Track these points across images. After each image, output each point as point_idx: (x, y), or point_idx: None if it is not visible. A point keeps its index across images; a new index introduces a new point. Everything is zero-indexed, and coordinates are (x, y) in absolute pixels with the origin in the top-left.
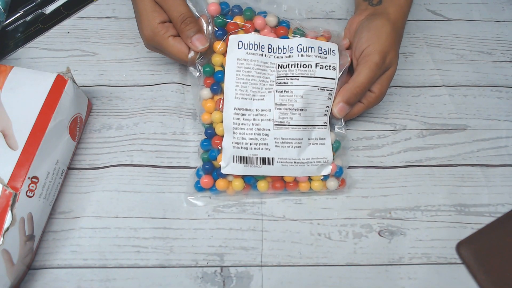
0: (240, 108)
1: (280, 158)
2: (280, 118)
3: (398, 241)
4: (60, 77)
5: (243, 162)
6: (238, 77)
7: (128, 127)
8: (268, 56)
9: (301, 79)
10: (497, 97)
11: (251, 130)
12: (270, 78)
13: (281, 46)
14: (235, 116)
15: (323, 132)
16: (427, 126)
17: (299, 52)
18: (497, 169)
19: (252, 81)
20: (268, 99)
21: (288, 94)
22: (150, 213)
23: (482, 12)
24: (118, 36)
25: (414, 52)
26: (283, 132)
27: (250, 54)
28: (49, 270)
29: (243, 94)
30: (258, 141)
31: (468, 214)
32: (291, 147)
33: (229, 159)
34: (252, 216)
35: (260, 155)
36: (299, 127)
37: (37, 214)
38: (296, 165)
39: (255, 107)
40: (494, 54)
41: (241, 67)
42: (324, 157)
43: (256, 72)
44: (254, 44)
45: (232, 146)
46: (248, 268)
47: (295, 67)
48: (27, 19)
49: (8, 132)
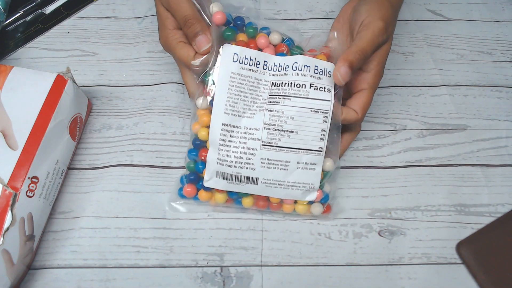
0: (229, 125)
1: (264, 179)
2: (268, 139)
3: (398, 241)
4: (60, 77)
5: (226, 178)
6: (230, 92)
7: (128, 127)
8: (263, 73)
9: (293, 99)
10: (497, 97)
11: (237, 148)
12: (262, 96)
13: (277, 64)
14: (223, 132)
15: (316, 157)
16: (427, 126)
17: (294, 71)
18: (497, 169)
19: (243, 98)
20: (258, 118)
21: (279, 115)
22: (150, 213)
23: (482, 12)
24: (118, 36)
25: (414, 52)
26: (270, 153)
27: (244, 69)
28: (49, 270)
29: (233, 110)
30: (244, 160)
31: (468, 214)
32: (276, 169)
33: (212, 173)
34: (252, 216)
35: (244, 174)
36: (287, 149)
37: (37, 214)
38: (280, 187)
39: (244, 125)
40: (494, 54)
41: (234, 81)
42: (311, 183)
43: (248, 89)
44: (250, 60)
45: (217, 162)
46: (248, 268)
47: (288, 86)
48: (27, 19)
49: (8, 132)
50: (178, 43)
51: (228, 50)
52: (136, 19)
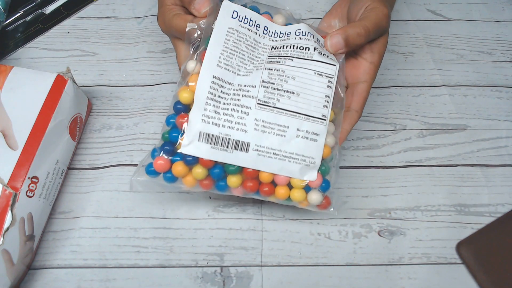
0: (220, 79)
1: (257, 145)
2: (265, 97)
3: (398, 241)
4: (60, 77)
5: (211, 142)
6: (226, 46)
7: (128, 127)
8: (263, 36)
9: (295, 60)
10: (497, 97)
11: (228, 105)
12: (260, 58)
13: (278, 31)
14: (213, 86)
15: (319, 126)
16: (427, 126)
17: (297, 36)
18: (497, 169)
19: (239, 55)
20: (255, 76)
21: (279, 73)
22: (150, 213)
23: (482, 12)
24: (118, 36)
25: (414, 52)
26: (266, 114)
27: (243, 28)
28: (49, 270)
29: (227, 64)
30: (234, 119)
31: (468, 214)
32: (272, 134)
33: (194, 136)
34: (252, 216)
35: (233, 137)
36: (287, 112)
37: (37, 214)
38: (275, 158)
39: (238, 82)
40: (494, 54)
41: (231, 37)
42: (311, 156)
43: (246, 47)
44: (250, 20)
45: (201, 120)
46: (248, 268)
47: (290, 48)
48: (27, 19)
49: (8, 132)
50: (174, 16)
51: (228, 6)
52: (136, 19)
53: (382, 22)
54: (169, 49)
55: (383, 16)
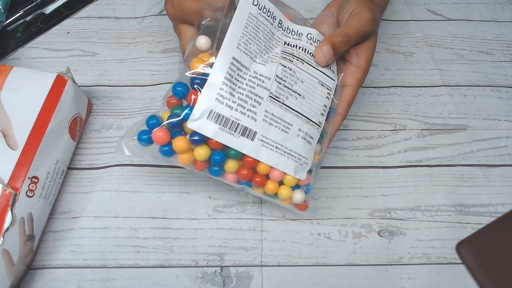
0: (239, 62)
1: (262, 136)
2: (276, 92)
3: (398, 241)
4: (60, 77)
5: (220, 123)
6: (246, 30)
7: (128, 127)
8: (277, 29)
9: (305, 65)
10: (497, 97)
11: (243, 90)
12: (274, 50)
13: (291, 28)
14: (231, 67)
15: (315, 131)
16: (427, 126)
17: (309, 40)
18: (497, 169)
19: (257, 42)
20: (270, 68)
21: (291, 73)
22: (150, 213)
23: (482, 12)
24: (118, 36)
25: (414, 52)
26: (276, 108)
27: (262, 17)
28: (49, 270)
29: (246, 48)
30: (247, 105)
31: (468, 214)
32: (278, 128)
33: (204, 112)
34: (252, 216)
35: (242, 123)
36: (293, 111)
37: (37, 214)
38: (276, 151)
39: (254, 69)
40: (494, 54)
41: (251, 23)
42: (306, 157)
43: (263, 36)
44: (268, 10)
45: (215, 99)
46: (248, 268)
47: (302, 50)
48: (27, 19)
49: (8, 132)
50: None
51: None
52: (136, 19)
53: (364, 28)
54: (169, 49)
55: (366, 21)
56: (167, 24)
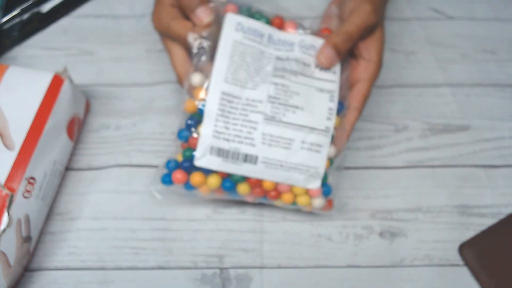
0: (229, 94)
1: (264, 157)
2: (271, 112)
3: (400, 243)
4: (57, 76)
5: (222, 155)
6: (232, 60)
7: (127, 127)
8: (267, 46)
9: (299, 76)
10: (501, 97)
11: (237, 120)
12: (265, 68)
13: (282, 39)
14: (222, 102)
15: (322, 138)
16: (429, 126)
17: (301, 48)
18: (500, 169)
19: (246, 68)
20: (261, 90)
21: (284, 89)
22: (149, 214)
23: (485, 10)
24: (116, 35)
25: (416, 51)
26: (273, 128)
27: (247, 39)
28: (46, 272)
29: (234, 79)
30: (243, 134)
31: (470, 215)
32: (279, 147)
33: (206, 149)
34: (251, 217)
35: (242, 151)
36: (292, 126)
37: (34, 215)
38: (281, 169)
39: (246, 96)
40: (498, 53)
41: (237, 50)
42: (315, 166)
43: (251, 59)
44: (254, 30)
45: (212, 135)
46: (248, 270)
47: (295, 62)
48: (23, 18)
49: (5, 132)
50: (173, 19)
51: (232, 19)
52: (134, 17)
53: (365, 22)
54: None
55: (366, 15)
56: None
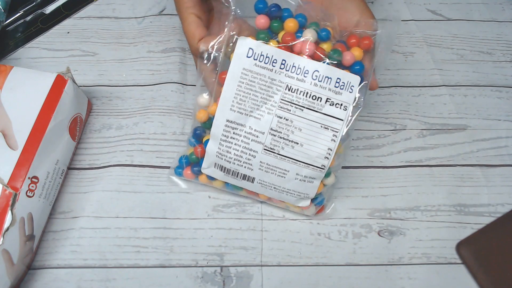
0: (233, 122)
1: (260, 180)
2: (271, 144)
3: (398, 241)
4: (60, 77)
5: (223, 171)
6: (239, 89)
7: (128, 127)
8: (279, 72)
9: (305, 110)
10: (497, 97)
11: (238, 146)
12: (273, 98)
13: (296, 65)
14: (226, 129)
15: (317, 173)
16: (427, 126)
17: (314, 80)
18: (497, 169)
19: (253, 97)
20: (265, 121)
21: (287, 123)
22: (150, 213)
23: (482, 12)
24: (118, 36)
25: (414, 52)
26: (271, 159)
27: (258, 67)
28: (49, 270)
29: (239, 108)
30: (243, 159)
31: (468, 214)
32: (274, 175)
33: (210, 163)
34: (252, 216)
35: (241, 172)
36: (289, 159)
37: (37, 214)
38: (275, 191)
39: (249, 125)
40: (494, 54)
41: (245, 78)
42: (306, 193)
43: (260, 88)
44: (266, 57)
45: (216, 155)
46: (248, 268)
47: (303, 95)
48: (27, 19)
49: (8, 132)
50: (190, 15)
51: (244, 44)
52: (136, 19)
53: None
54: (169, 48)
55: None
56: (167, 24)
